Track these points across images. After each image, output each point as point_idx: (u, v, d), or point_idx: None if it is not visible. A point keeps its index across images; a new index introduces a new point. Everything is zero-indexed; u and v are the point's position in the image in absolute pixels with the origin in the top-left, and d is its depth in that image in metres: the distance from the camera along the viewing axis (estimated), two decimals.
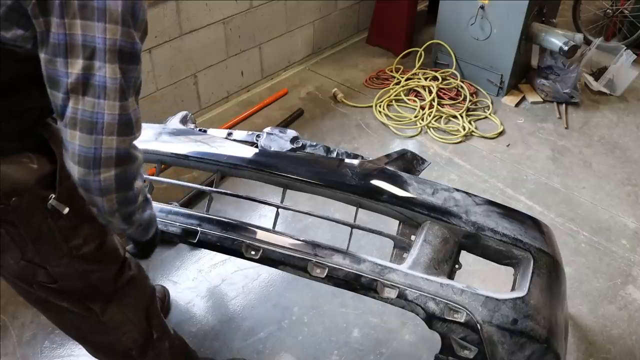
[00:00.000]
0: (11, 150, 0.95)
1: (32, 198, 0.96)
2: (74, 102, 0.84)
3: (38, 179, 0.96)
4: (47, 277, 1.07)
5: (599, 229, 2.45)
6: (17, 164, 0.95)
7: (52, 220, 1.00)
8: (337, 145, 2.91)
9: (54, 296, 1.13)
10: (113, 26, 0.82)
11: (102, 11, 0.81)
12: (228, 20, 2.92)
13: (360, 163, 1.62)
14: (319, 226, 2.33)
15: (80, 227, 1.06)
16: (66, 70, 0.82)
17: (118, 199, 0.93)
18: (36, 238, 1.00)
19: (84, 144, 0.86)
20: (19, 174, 0.94)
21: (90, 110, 0.84)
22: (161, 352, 1.42)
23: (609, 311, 2.08)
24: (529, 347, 1.25)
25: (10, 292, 2.02)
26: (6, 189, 0.92)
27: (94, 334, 1.28)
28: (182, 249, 2.25)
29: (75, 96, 0.84)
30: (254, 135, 1.79)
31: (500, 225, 1.46)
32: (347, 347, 1.91)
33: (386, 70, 3.59)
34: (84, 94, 0.84)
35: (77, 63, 0.82)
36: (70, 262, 1.07)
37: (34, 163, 0.96)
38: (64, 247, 1.05)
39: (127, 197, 0.95)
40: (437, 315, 1.27)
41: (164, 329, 1.44)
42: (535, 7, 3.10)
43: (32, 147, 0.98)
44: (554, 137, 3.07)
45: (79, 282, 1.12)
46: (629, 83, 3.41)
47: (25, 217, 0.97)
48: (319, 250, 1.38)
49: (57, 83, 0.84)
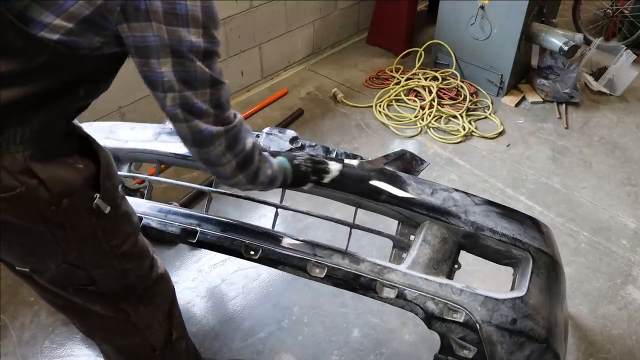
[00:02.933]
0: (60, 152, 0.96)
1: (81, 199, 0.98)
2: (171, 100, 0.91)
3: (85, 180, 0.98)
4: (87, 279, 1.09)
5: (599, 229, 2.45)
6: (65, 165, 0.96)
7: (96, 220, 1.02)
8: (337, 145, 2.91)
9: (88, 299, 1.15)
10: (196, 30, 0.88)
11: (186, 17, 0.86)
12: (228, 20, 2.92)
13: (360, 163, 1.62)
14: (319, 226, 2.33)
15: (120, 226, 1.09)
16: (160, 70, 0.89)
17: (237, 162, 1.04)
18: (82, 239, 1.02)
19: (190, 131, 0.95)
20: (69, 175, 0.96)
21: (187, 102, 0.92)
22: (179, 352, 1.44)
23: (609, 311, 2.08)
24: (528, 347, 1.25)
25: (11, 292, 2.03)
26: (58, 190, 0.94)
27: (121, 336, 1.29)
28: (182, 249, 2.25)
29: (172, 94, 0.91)
30: (254, 135, 1.79)
31: (500, 225, 1.46)
32: (347, 347, 1.91)
33: (386, 70, 3.59)
34: (180, 90, 0.91)
35: (168, 62, 0.88)
36: (111, 261, 1.09)
37: (80, 163, 0.98)
38: (106, 247, 1.07)
39: (244, 157, 1.05)
40: (436, 315, 1.28)
41: (183, 330, 1.45)
42: (535, 7, 3.10)
43: (77, 148, 1.00)
44: (554, 137, 3.07)
45: (117, 282, 1.14)
46: (629, 83, 3.41)
47: (74, 218, 0.99)
48: (319, 250, 1.38)
49: (153, 83, 0.91)
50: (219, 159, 1.01)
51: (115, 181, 1.07)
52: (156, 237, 1.44)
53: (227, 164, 1.03)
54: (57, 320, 1.94)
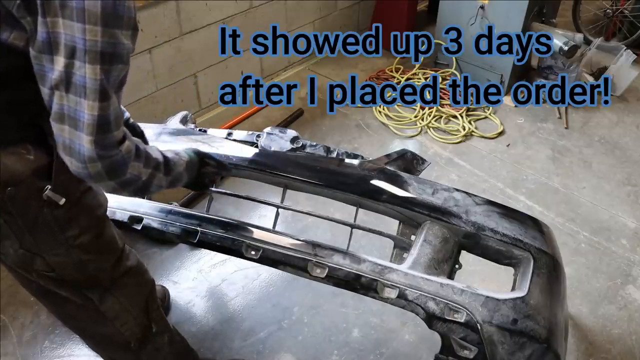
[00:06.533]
0: (10, 142, 0.96)
1: (28, 188, 0.98)
2: (58, 98, 0.86)
3: (34, 170, 0.98)
4: (45, 266, 1.09)
5: (599, 229, 2.45)
6: (14, 155, 0.96)
7: (48, 210, 1.02)
8: (337, 145, 2.91)
9: (52, 284, 1.15)
10: (92, 27, 0.81)
11: (81, 11, 0.81)
12: (228, 20, 2.92)
13: (360, 163, 1.62)
14: (319, 226, 2.33)
15: (77, 217, 1.08)
16: (51, 66, 0.84)
17: (117, 183, 0.95)
18: (33, 227, 1.02)
19: (72, 138, 0.88)
20: (15, 165, 0.96)
21: (74, 107, 0.86)
22: (161, 347, 1.43)
23: (609, 311, 2.08)
24: (529, 347, 1.25)
25: (10, 292, 2.02)
26: (2, 179, 0.94)
27: (92, 325, 1.29)
28: (182, 249, 2.25)
29: (59, 92, 0.86)
30: (254, 135, 1.79)
31: (500, 225, 1.46)
32: (347, 347, 1.91)
33: (386, 70, 3.59)
34: (67, 90, 0.85)
35: (60, 60, 0.84)
36: (67, 251, 1.09)
37: (31, 154, 0.98)
38: (61, 237, 1.06)
39: (125, 180, 0.96)
40: (437, 315, 1.27)
41: (164, 324, 1.44)
42: (535, 7, 3.10)
43: (31, 139, 0.99)
44: (554, 137, 3.07)
45: (76, 272, 1.14)
46: (629, 83, 3.41)
47: (21, 206, 0.99)
48: (319, 250, 1.38)
49: (43, 78, 0.87)
50: (93, 179, 0.93)
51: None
52: (157, 237, 1.44)
53: (104, 185, 0.96)
54: (57, 320, 1.92)
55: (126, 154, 0.94)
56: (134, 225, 1.43)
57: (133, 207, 1.46)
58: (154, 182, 1.05)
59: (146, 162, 1.01)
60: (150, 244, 2.25)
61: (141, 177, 1.00)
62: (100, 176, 0.92)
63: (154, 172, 1.05)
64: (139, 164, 0.99)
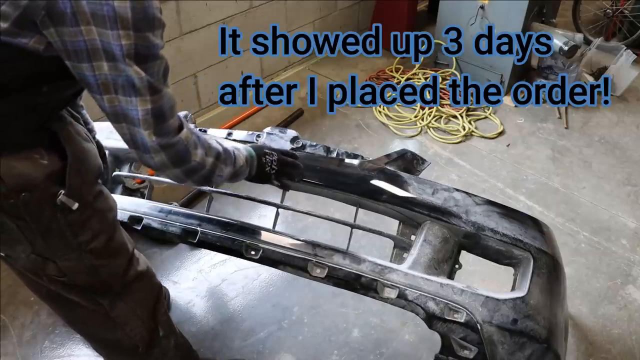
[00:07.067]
0: (23, 146, 0.96)
1: (42, 194, 0.98)
2: (108, 100, 0.90)
3: (48, 175, 0.98)
4: (57, 271, 1.09)
5: (599, 229, 2.45)
6: (27, 160, 0.96)
7: (61, 215, 1.01)
8: (337, 145, 2.91)
9: (63, 289, 1.15)
10: (126, 32, 0.84)
11: (114, 18, 0.82)
12: (228, 20, 2.92)
13: (360, 163, 1.62)
14: (319, 226, 2.33)
15: (90, 222, 1.07)
16: (93, 73, 0.86)
17: (182, 171, 1.00)
18: (46, 233, 1.02)
19: (132, 133, 0.93)
20: (29, 170, 0.95)
21: (126, 106, 0.89)
22: (167, 351, 1.43)
23: (609, 311, 2.08)
24: (529, 347, 1.25)
25: (10, 292, 2.03)
26: (16, 184, 0.94)
27: (101, 330, 1.29)
28: (182, 249, 2.25)
29: (108, 96, 0.89)
30: (254, 135, 1.79)
31: (500, 225, 1.46)
32: (347, 347, 1.91)
33: (386, 70, 3.59)
34: (116, 92, 0.88)
35: (102, 66, 0.86)
36: (80, 256, 1.09)
37: (45, 159, 0.98)
38: (74, 242, 1.06)
39: (190, 168, 1.01)
40: (437, 315, 1.27)
41: (171, 328, 1.44)
42: (535, 7, 3.10)
43: (44, 143, 0.99)
44: (554, 137, 3.07)
45: (88, 277, 1.14)
46: (629, 83, 3.41)
47: (35, 212, 0.98)
48: (319, 250, 1.38)
49: (89, 86, 0.89)
50: (161, 168, 0.99)
51: (88, 177, 1.05)
52: (157, 237, 1.44)
53: (170, 173, 1.01)
54: (57, 320, 1.93)
55: (186, 140, 0.98)
56: (134, 225, 1.43)
57: (133, 207, 1.46)
58: (216, 171, 1.08)
59: (208, 151, 1.05)
60: (150, 244, 2.25)
61: (205, 165, 1.04)
62: (165, 165, 0.97)
63: (216, 161, 1.07)
64: (201, 152, 1.02)
